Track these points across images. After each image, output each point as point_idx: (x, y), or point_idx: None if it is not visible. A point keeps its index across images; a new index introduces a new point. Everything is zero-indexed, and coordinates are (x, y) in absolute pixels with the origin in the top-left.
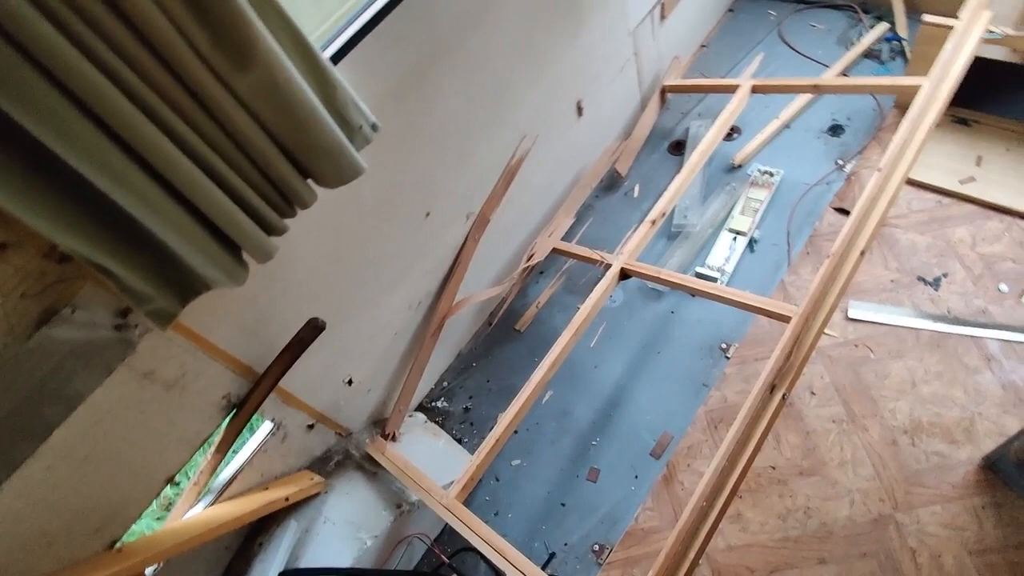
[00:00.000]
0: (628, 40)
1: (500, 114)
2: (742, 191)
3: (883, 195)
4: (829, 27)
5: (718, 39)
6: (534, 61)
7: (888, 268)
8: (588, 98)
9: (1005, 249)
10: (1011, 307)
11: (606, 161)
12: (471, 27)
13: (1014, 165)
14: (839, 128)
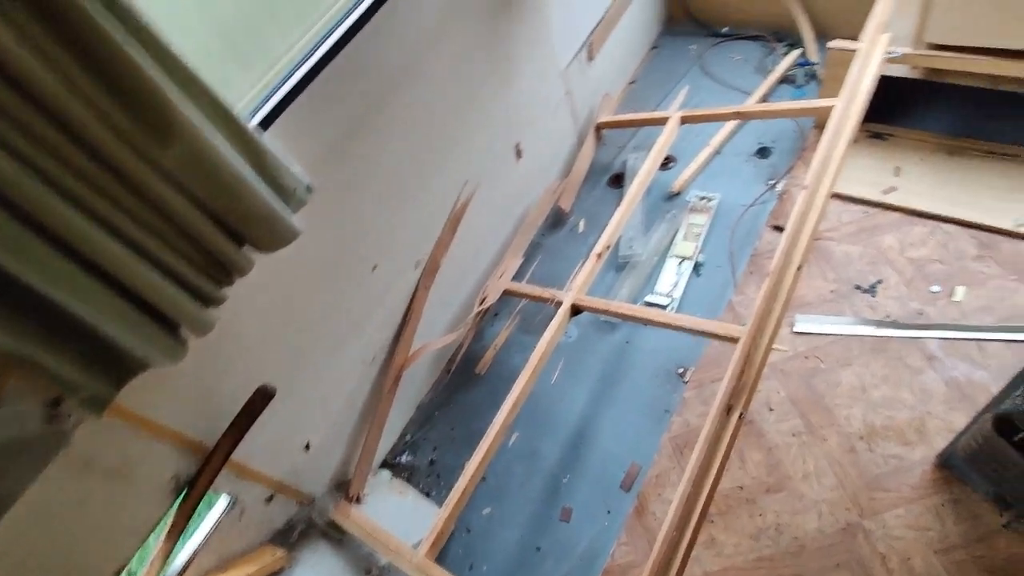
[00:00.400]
0: (559, 81)
1: (441, 162)
2: (683, 217)
3: (811, 211)
4: (747, 57)
5: (645, 75)
6: (470, 109)
7: (827, 280)
8: (526, 140)
9: (931, 252)
10: (944, 306)
11: (549, 199)
12: (404, 82)
13: (929, 173)
14: (766, 150)
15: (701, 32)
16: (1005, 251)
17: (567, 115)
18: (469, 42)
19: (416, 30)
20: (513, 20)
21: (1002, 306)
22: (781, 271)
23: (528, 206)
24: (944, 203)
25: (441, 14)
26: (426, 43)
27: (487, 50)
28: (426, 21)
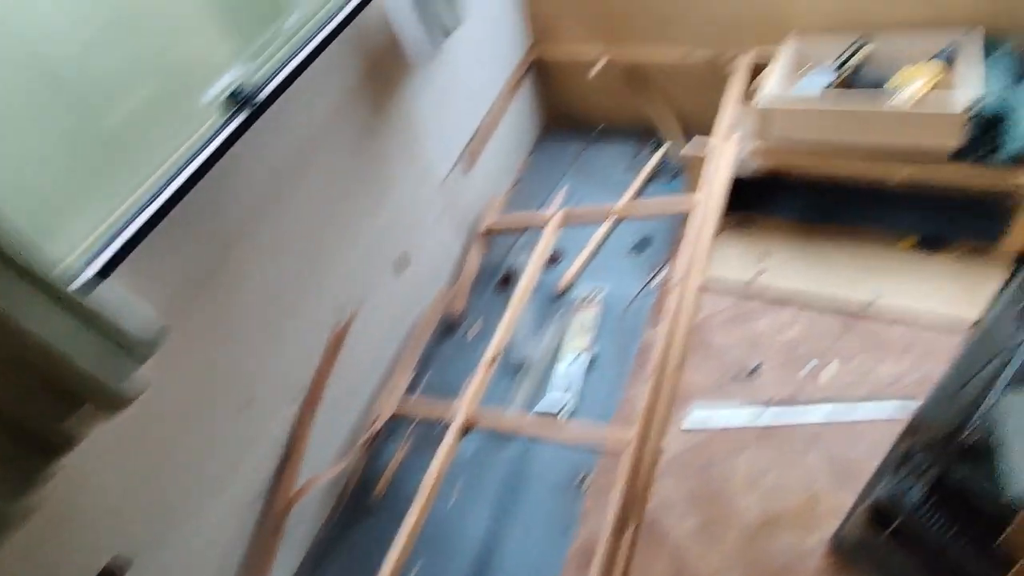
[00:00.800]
0: (440, 192)
1: (316, 285)
2: (572, 315)
3: (683, 308)
4: (620, 155)
5: (528, 175)
6: (344, 229)
7: (710, 369)
8: (408, 252)
9: (801, 333)
10: (817, 387)
11: (439, 308)
12: (267, 211)
13: (792, 256)
14: (645, 242)
15: (577, 132)
16: (864, 328)
17: (451, 224)
18: (339, 166)
19: (279, 158)
20: (384, 141)
21: (867, 381)
22: (660, 372)
23: (417, 316)
24: (807, 285)
25: (306, 141)
26: (292, 170)
27: (358, 171)
28: (290, 148)
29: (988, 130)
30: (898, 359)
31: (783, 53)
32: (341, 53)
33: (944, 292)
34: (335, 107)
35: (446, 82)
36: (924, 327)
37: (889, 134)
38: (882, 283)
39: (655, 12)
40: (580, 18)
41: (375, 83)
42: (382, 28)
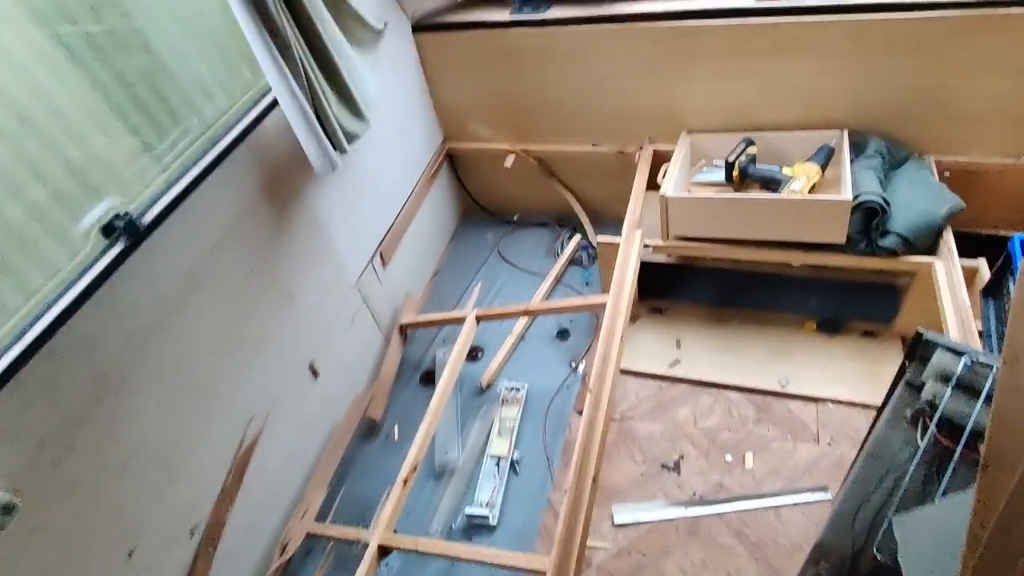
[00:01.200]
0: (353, 292)
1: (213, 407)
2: (495, 412)
3: (600, 403)
4: (538, 242)
5: (448, 265)
6: (246, 341)
7: (636, 462)
8: (321, 357)
9: (720, 420)
10: (739, 475)
11: (356, 412)
12: (156, 336)
13: (705, 342)
14: (566, 332)
15: (495, 221)
16: (777, 411)
17: (368, 322)
18: (239, 279)
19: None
20: (289, 248)
21: (785, 467)
22: (579, 478)
23: (334, 423)
24: (721, 371)
25: (200, 259)
26: (184, 290)
27: (262, 282)
28: (180, 270)
29: (868, 222)
30: (813, 443)
31: (680, 148)
32: (237, 166)
33: (847, 373)
34: (232, 221)
35: (356, 182)
36: (833, 409)
37: (779, 226)
38: (790, 366)
39: (558, 111)
40: (487, 117)
41: (277, 191)
42: (283, 136)
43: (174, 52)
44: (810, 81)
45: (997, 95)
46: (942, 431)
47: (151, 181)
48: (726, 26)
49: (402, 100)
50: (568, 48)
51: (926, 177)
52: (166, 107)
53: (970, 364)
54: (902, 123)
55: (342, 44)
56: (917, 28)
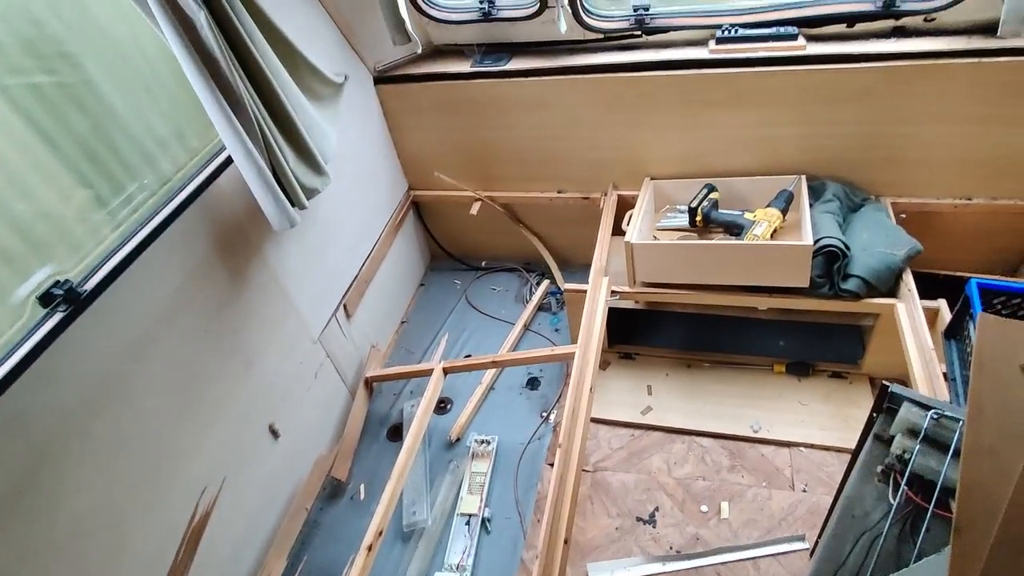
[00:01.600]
0: (316, 347)
1: (164, 478)
2: (465, 466)
3: (569, 472)
4: (507, 288)
5: (416, 312)
6: (200, 407)
7: (610, 516)
8: (282, 418)
9: (693, 469)
10: (715, 526)
11: (320, 472)
12: (95, 411)
13: (676, 387)
14: (536, 381)
15: (463, 267)
16: (751, 457)
17: (332, 377)
18: (191, 343)
19: (113, 347)
20: (247, 306)
21: (762, 516)
22: (550, 551)
23: (296, 483)
24: (693, 417)
25: (148, 324)
26: (131, 357)
27: (218, 343)
28: (127, 336)
29: (830, 265)
30: (788, 489)
31: (643, 194)
32: (190, 225)
33: (818, 416)
34: (184, 283)
35: (317, 236)
36: (806, 453)
37: (743, 271)
38: (762, 410)
39: (522, 158)
40: (451, 165)
41: (233, 249)
42: (240, 192)
43: (124, 107)
44: (765, 129)
45: (944, 140)
46: (913, 488)
47: (103, 238)
48: (680, 77)
49: (365, 151)
50: (529, 98)
51: (883, 220)
52: (117, 162)
53: (936, 418)
54: (857, 168)
55: (299, 99)
56: (861, 78)
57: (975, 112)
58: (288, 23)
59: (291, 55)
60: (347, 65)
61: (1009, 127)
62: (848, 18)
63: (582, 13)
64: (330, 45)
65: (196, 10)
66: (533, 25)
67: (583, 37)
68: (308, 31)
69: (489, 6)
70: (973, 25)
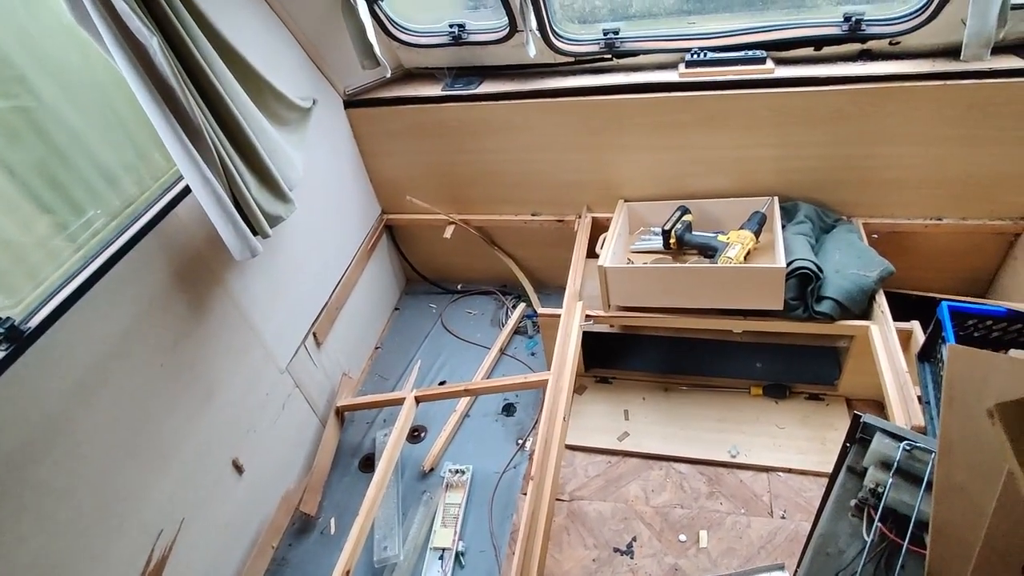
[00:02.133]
0: (284, 378)
1: (115, 523)
2: (439, 498)
3: (544, 488)
4: (482, 311)
5: (391, 337)
6: (156, 446)
7: (587, 547)
8: (247, 452)
9: (671, 496)
10: (694, 556)
11: (288, 507)
12: (38, 455)
13: (652, 411)
14: (511, 407)
15: (438, 291)
16: (729, 483)
17: (302, 408)
18: (146, 377)
19: (57, 390)
20: (208, 338)
21: (741, 545)
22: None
23: (263, 520)
24: (670, 442)
25: (98, 363)
26: (78, 396)
27: (176, 377)
28: (74, 377)
29: (804, 288)
30: (767, 516)
31: (617, 217)
32: (145, 256)
33: (796, 440)
34: (138, 317)
35: (284, 263)
36: (784, 478)
37: (717, 294)
38: (739, 435)
39: (496, 181)
40: (424, 189)
41: (193, 280)
42: (200, 221)
43: (81, 132)
44: (737, 151)
45: (913, 161)
46: (887, 523)
47: (63, 263)
48: (651, 100)
49: (336, 176)
50: (501, 121)
51: (855, 241)
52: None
53: (908, 449)
54: (828, 189)
55: (262, 125)
56: (830, 100)
57: (943, 133)
58: (251, 48)
59: (253, 80)
60: (316, 89)
61: (976, 148)
62: (815, 41)
63: (552, 37)
64: (297, 69)
65: (148, 36)
66: (504, 49)
67: (554, 60)
68: (274, 56)
69: (459, 30)
70: (937, 48)
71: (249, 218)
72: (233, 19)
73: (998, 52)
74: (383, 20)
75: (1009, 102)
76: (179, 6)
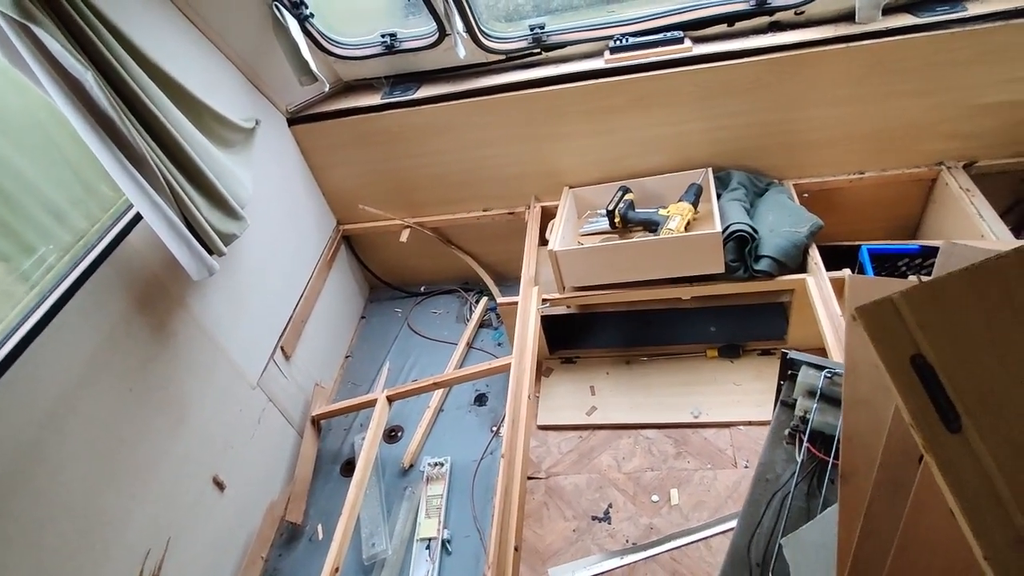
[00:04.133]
0: (256, 393)
1: (100, 549)
2: (420, 491)
3: (514, 466)
4: (447, 309)
5: (359, 345)
6: (133, 470)
7: (566, 519)
8: (226, 468)
9: (642, 461)
10: (667, 513)
11: (274, 518)
12: (12, 489)
13: (616, 384)
14: (483, 397)
15: (403, 295)
16: (694, 442)
17: (277, 420)
18: (116, 402)
19: (28, 419)
20: (175, 360)
21: (709, 497)
22: (500, 563)
23: (250, 532)
24: (636, 411)
25: (65, 389)
26: (47, 427)
27: (146, 401)
28: (41, 405)
29: (741, 250)
30: (732, 467)
31: (564, 203)
32: (102, 286)
33: (752, 394)
34: (101, 345)
35: (243, 280)
36: (745, 431)
37: (662, 265)
38: (700, 396)
39: (444, 182)
40: (376, 196)
41: (153, 304)
42: (154, 246)
43: (19, 176)
44: (669, 128)
45: (830, 121)
46: (816, 444)
47: (17, 303)
48: (582, 88)
49: (287, 191)
50: (442, 123)
51: (785, 201)
52: (17, 234)
53: (830, 376)
54: (757, 155)
55: (206, 147)
56: (748, 71)
57: (852, 93)
58: (189, 73)
59: (192, 105)
60: (257, 109)
61: (883, 103)
62: (727, 18)
63: (480, 37)
64: (237, 91)
65: (83, 71)
66: (436, 53)
67: (486, 59)
68: (212, 81)
69: (392, 39)
70: (837, 15)
71: (203, 238)
72: (167, 48)
73: (894, 12)
74: (316, 36)
75: (906, 58)
76: (110, 40)
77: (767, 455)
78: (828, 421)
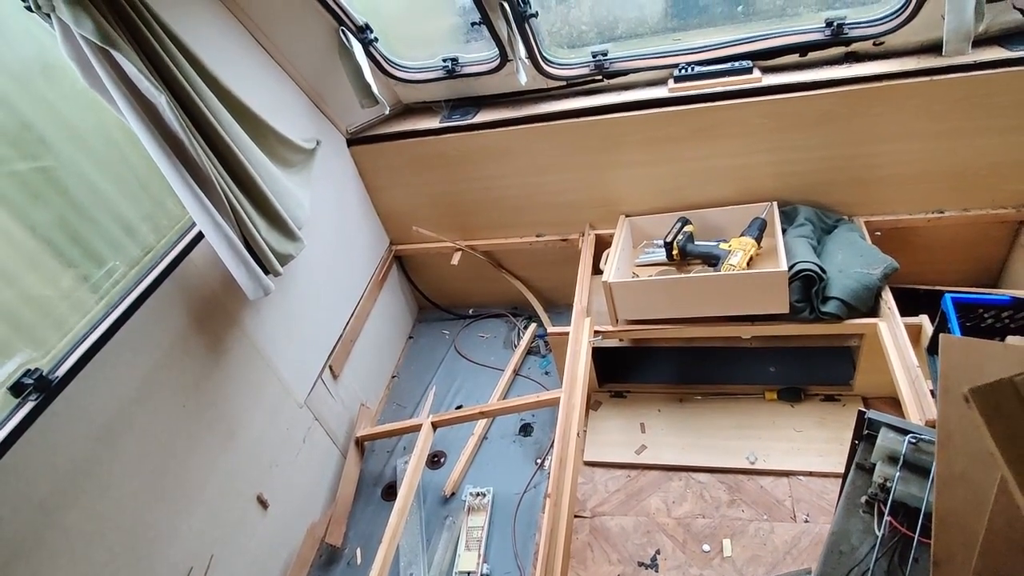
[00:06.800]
0: (303, 412)
1: (146, 563)
2: (461, 522)
3: (561, 505)
4: (495, 334)
5: (406, 365)
6: (182, 486)
7: (611, 562)
8: (270, 487)
9: (692, 506)
10: (719, 565)
11: (314, 540)
12: (68, 501)
13: (668, 423)
14: (529, 427)
15: (451, 317)
16: (750, 490)
17: (322, 440)
18: (169, 418)
19: (87, 433)
20: (228, 377)
21: (765, 551)
22: None
23: (290, 553)
24: (688, 452)
25: (122, 408)
26: (104, 441)
27: (198, 417)
28: (98, 423)
29: (808, 289)
30: (790, 521)
31: (620, 232)
32: (164, 302)
33: (814, 442)
34: (159, 361)
35: (297, 299)
36: (805, 481)
37: (722, 302)
38: (757, 440)
39: (499, 206)
40: (430, 218)
41: (210, 321)
42: (214, 264)
43: (94, 190)
44: (733, 160)
45: (908, 156)
46: (898, 517)
47: (88, 311)
48: (643, 116)
49: (343, 211)
50: (500, 148)
51: (856, 240)
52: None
53: (914, 442)
54: (826, 190)
55: (269, 168)
56: (820, 104)
57: (933, 128)
58: (255, 96)
59: (258, 127)
60: (319, 130)
61: (968, 139)
62: (800, 48)
63: (542, 63)
64: (300, 113)
65: (157, 94)
66: (497, 78)
67: (546, 85)
68: (277, 102)
69: (453, 63)
70: (920, 46)
71: (260, 258)
72: (236, 70)
73: (983, 44)
74: (379, 60)
75: (996, 93)
76: (184, 64)
77: (841, 523)
78: (912, 492)
